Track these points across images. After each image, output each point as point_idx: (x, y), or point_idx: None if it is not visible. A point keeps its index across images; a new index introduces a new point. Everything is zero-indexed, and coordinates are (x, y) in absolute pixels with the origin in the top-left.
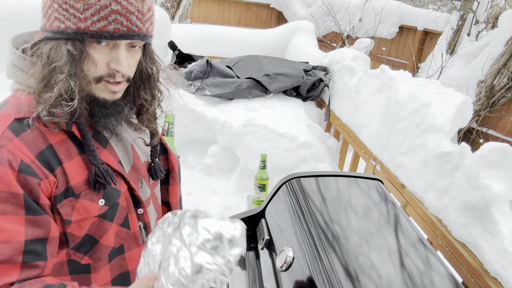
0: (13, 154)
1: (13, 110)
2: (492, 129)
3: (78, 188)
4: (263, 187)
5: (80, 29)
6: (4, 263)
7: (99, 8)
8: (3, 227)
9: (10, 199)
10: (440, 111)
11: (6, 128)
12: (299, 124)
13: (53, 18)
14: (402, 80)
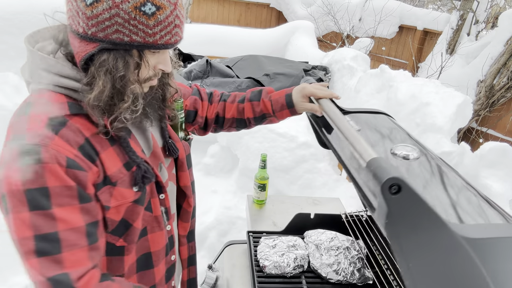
0: (58, 151)
1: (44, 110)
2: (491, 129)
3: (114, 177)
4: (263, 187)
5: (148, 42)
6: (74, 248)
7: (167, 24)
8: (64, 218)
9: (64, 192)
10: (439, 110)
11: (45, 128)
12: (298, 124)
13: (112, 30)
14: (402, 80)
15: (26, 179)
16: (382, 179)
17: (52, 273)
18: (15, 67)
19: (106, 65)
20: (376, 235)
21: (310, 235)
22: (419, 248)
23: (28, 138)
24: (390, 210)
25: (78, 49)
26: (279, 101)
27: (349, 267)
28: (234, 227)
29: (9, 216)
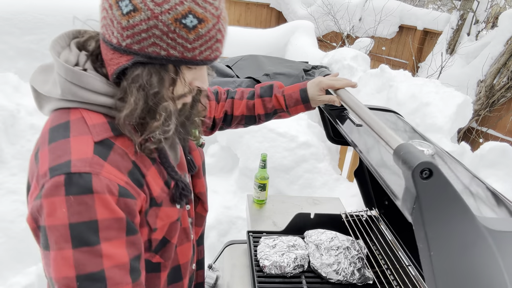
0: (109, 179)
1: (87, 132)
2: (492, 129)
3: (159, 197)
4: (263, 187)
5: (186, 58)
6: (119, 286)
7: (208, 38)
8: (111, 253)
9: (113, 225)
10: (440, 110)
11: (93, 154)
12: (299, 123)
13: (148, 42)
14: (402, 79)
15: (73, 211)
16: (414, 164)
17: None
18: (15, 67)
19: (140, 81)
20: (376, 235)
21: (310, 235)
22: (443, 236)
23: (75, 166)
24: (419, 195)
25: (110, 61)
26: (293, 96)
27: (349, 267)
28: (234, 227)
29: (48, 252)
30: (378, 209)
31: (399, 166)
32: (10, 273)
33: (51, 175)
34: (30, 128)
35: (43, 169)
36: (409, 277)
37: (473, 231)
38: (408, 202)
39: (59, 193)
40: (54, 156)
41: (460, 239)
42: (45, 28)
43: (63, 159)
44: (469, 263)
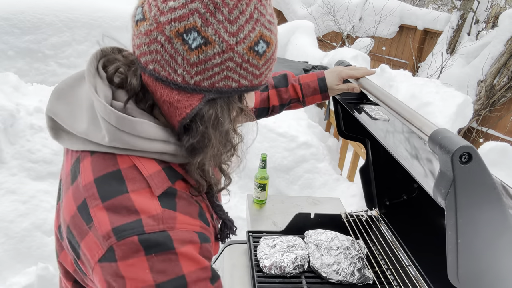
0: (186, 230)
1: (144, 185)
2: (492, 129)
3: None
4: (263, 187)
5: (254, 85)
6: None
7: (272, 61)
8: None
9: (201, 275)
10: (440, 110)
11: (161, 208)
12: (299, 123)
13: (220, 77)
14: (402, 79)
15: (157, 270)
16: (454, 148)
17: None
18: (15, 67)
19: (215, 120)
20: (376, 235)
21: (310, 235)
22: (473, 224)
23: (148, 225)
24: (456, 179)
25: (178, 104)
26: (311, 85)
27: (349, 267)
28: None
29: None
30: (378, 209)
31: (435, 151)
32: (10, 273)
33: (119, 237)
34: (30, 128)
35: (104, 229)
36: (409, 277)
37: (503, 221)
38: (442, 186)
39: (137, 255)
40: (116, 216)
41: (488, 228)
42: (45, 28)
43: (130, 219)
44: (493, 254)
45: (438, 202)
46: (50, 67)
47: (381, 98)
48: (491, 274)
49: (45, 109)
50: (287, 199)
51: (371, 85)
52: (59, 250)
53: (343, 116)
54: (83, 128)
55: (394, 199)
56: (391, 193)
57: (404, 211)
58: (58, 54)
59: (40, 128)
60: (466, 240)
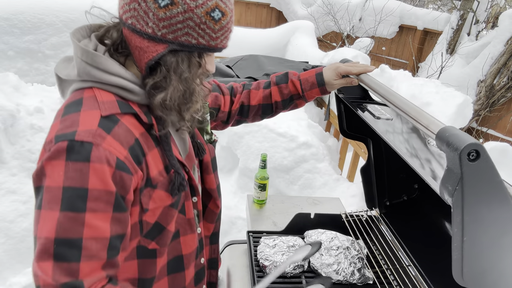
0: (110, 151)
1: (95, 108)
2: (492, 129)
3: (155, 179)
4: (263, 187)
5: (211, 45)
6: (92, 259)
7: (226, 29)
8: (92, 224)
9: (103, 197)
10: (440, 110)
11: (97, 126)
12: (299, 123)
13: (182, 32)
14: (402, 79)
15: (68, 176)
16: (462, 145)
17: (65, 279)
18: (15, 67)
19: (176, 66)
20: (376, 235)
21: (310, 235)
22: (479, 221)
23: (79, 135)
24: (463, 176)
25: (146, 49)
26: (309, 80)
27: (349, 267)
28: (234, 227)
29: (39, 210)
30: (379, 209)
31: (443, 149)
32: (10, 273)
33: (56, 141)
34: (30, 128)
35: (50, 136)
36: (409, 277)
37: (509, 220)
38: (449, 184)
39: (59, 158)
40: (63, 126)
41: (494, 227)
42: (45, 28)
43: (70, 129)
44: (498, 252)
45: (445, 199)
46: (50, 67)
47: (385, 95)
48: (495, 273)
49: (45, 109)
50: (287, 199)
51: (373, 81)
52: None
53: (345, 115)
54: (67, 71)
55: (394, 199)
56: (392, 193)
57: (404, 211)
58: (58, 54)
59: (40, 128)
60: (472, 238)
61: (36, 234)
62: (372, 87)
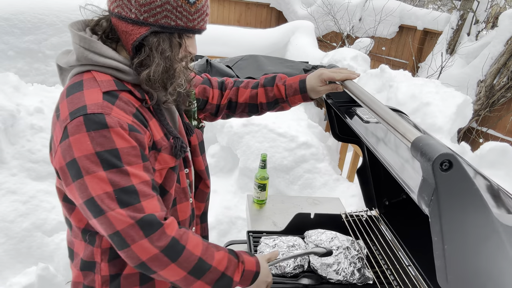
0: (119, 118)
1: (96, 86)
2: (492, 129)
3: (159, 143)
4: (263, 187)
5: (188, 27)
6: (149, 197)
7: (202, 12)
8: (136, 173)
9: (131, 152)
10: (440, 110)
11: (102, 100)
12: (299, 123)
13: (162, 15)
14: (402, 79)
15: (96, 143)
16: (434, 155)
17: (140, 215)
18: (15, 67)
19: (157, 45)
20: (376, 235)
21: (310, 235)
22: (458, 230)
23: (90, 108)
24: (438, 186)
25: (131, 32)
26: (293, 86)
27: (349, 267)
28: (234, 227)
29: (81, 179)
30: (378, 209)
31: (417, 158)
32: (11, 273)
33: (71, 118)
34: (30, 128)
35: (64, 115)
36: (409, 277)
37: (488, 226)
38: (425, 194)
39: (80, 131)
40: (72, 104)
41: (474, 233)
42: (45, 28)
43: (79, 105)
44: (481, 258)
45: (423, 209)
46: (50, 67)
47: (367, 103)
48: (481, 277)
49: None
50: (287, 199)
51: (358, 89)
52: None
53: (337, 120)
54: (66, 59)
55: (393, 199)
56: (390, 192)
57: (404, 210)
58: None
59: (41, 128)
60: (453, 245)
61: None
62: (355, 93)
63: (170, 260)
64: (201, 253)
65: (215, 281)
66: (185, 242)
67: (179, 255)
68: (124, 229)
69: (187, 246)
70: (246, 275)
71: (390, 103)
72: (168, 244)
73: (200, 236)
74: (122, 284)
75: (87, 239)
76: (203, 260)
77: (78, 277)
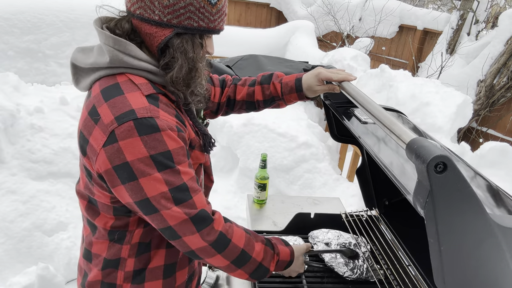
0: (167, 121)
1: (136, 89)
2: (492, 129)
3: (193, 141)
4: (263, 187)
5: (210, 28)
6: (197, 192)
7: (222, 12)
8: (185, 171)
9: (180, 152)
10: (440, 110)
11: (148, 103)
12: (299, 123)
13: (185, 17)
14: (402, 79)
15: (150, 146)
16: (428, 157)
17: (194, 211)
18: (15, 66)
19: (181, 47)
20: (376, 235)
21: (316, 236)
22: (453, 231)
23: (139, 113)
24: (433, 188)
25: (155, 34)
26: (289, 84)
27: (363, 264)
28: None
29: (134, 181)
30: (378, 209)
31: (412, 160)
32: (10, 273)
33: (120, 122)
34: (30, 128)
35: (107, 119)
36: (409, 277)
37: (484, 227)
38: (420, 196)
39: (132, 135)
40: (116, 108)
41: (470, 235)
42: (45, 28)
43: (125, 109)
44: (478, 259)
45: (418, 211)
46: (50, 67)
47: (363, 104)
48: (478, 279)
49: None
50: (287, 199)
51: (355, 90)
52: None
53: (335, 120)
54: (92, 60)
55: (393, 198)
56: (390, 192)
57: (404, 210)
58: (58, 54)
59: (41, 128)
60: (449, 247)
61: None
62: (351, 95)
63: (216, 251)
64: (244, 245)
65: (253, 270)
66: (231, 236)
67: (225, 247)
68: (177, 225)
69: (233, 239)
70: (280, 264)
71: (390, 103)
72: (216, 238)
73: (242, 228)
74: (146, 278)
75: (115, 238)
76: (245, 252)
77: (97, 276)
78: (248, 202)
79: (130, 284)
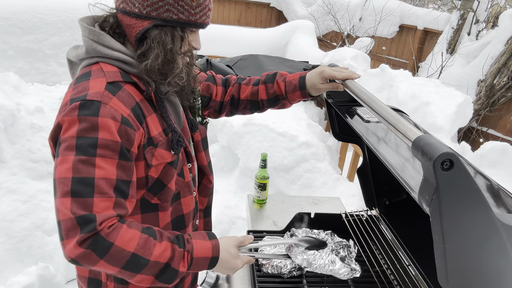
0: (115, 109)
1: (102, 76)
2: (492, 129)
3: (156, 139)
4: (264, 186)
5: (190, 21)
6: (104, 196)
7: (204, 7)
8: (102, 166)
9: (110, 146)
10: (440, 110)
11: (104, 89)
12: (299, 123)
13: (163, 9)
14: (402, 79)
15: (81, 128)
16: (435, 155)
17: (81, 212)
18: (15, 66)
19: (159, 38)
20: (376, 234)
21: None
22: (458, 229)
23: (90, 96)
24: (439, 186)
25: (134, 25)
26: (293, 82)
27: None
28: (234, 227)
29: (57, 158)
30: (378, 209)
31: (418, 158)
32: (10, 273)
33: (70, 103)
34: (30, 127)
35: (65, 100)
36: (409, 277)
37: (489, 225)
38: (426, 193)
39: (73, 114)
40: (76, 91)
41: (475, 233)
42: (45, 28)
43: (82, 93)
44: (482, 258)
45: (423, 208)
46: (50, 66)
47: (368, 102)
48: (481, 277)
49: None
50: (287, 199)
51: (359, 89)
52: None
53: (337, 119)
54: (76, 53)
55: (393, 198)
56: (390, 192)
57: (404, 210)
58: (58, 53)
59: (41, 128)
60: (453, 244)
61: (55, 177)
62: (355, 93)
63: (99, 257)
64: (135, 248)
65: (158, 273)
66: (113, 239)
67: (106, 252)
68: (63, 222)
69: (116, 243)
70: (196, 263)
71: (390, 103)
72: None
73: (139, 230)
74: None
75: None
76: (138, 256)
77: (84, 272)
78: (248, 202)
79: (114, 283)
